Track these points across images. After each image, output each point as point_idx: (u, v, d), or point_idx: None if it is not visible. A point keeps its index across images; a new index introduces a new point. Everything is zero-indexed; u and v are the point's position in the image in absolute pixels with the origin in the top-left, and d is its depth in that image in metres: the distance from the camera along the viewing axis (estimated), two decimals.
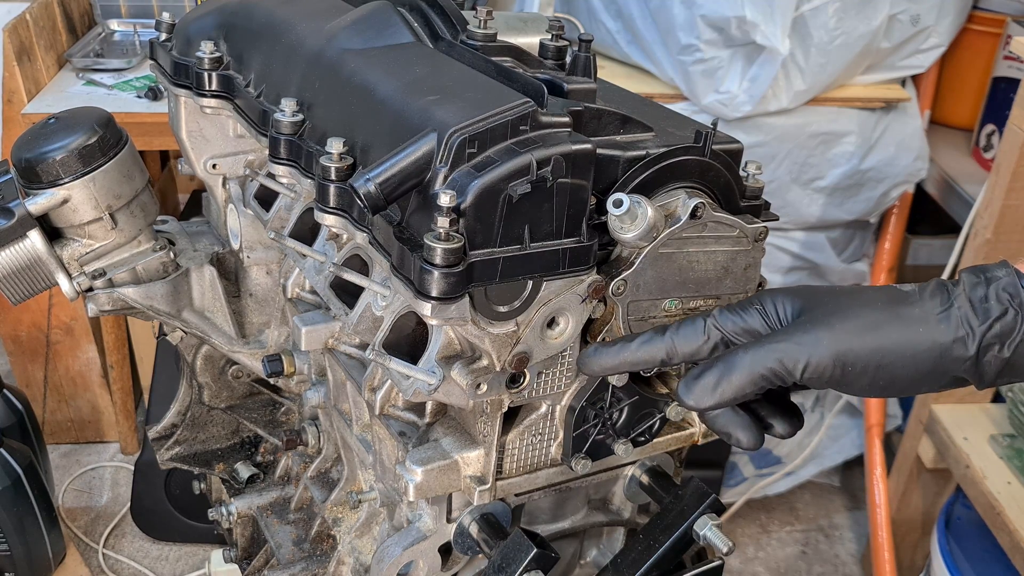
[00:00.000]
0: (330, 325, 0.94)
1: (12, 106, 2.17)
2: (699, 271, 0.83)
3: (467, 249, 0.70)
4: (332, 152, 0.77)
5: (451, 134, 0.71)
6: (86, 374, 2.57)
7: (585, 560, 1.11)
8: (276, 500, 1.25)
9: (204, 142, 1.10)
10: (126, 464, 2.62)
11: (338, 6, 1.00)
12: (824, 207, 2.30)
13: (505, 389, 0.80)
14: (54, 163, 1.00)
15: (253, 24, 1.02)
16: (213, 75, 1.01)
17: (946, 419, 2.07)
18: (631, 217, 0.75)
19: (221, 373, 1.29)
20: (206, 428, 1.33)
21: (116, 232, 1.06)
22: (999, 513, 1.82)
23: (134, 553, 2.40)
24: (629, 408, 0.87)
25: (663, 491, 0.97)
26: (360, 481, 1.06)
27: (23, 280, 1.03)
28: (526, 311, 0.76)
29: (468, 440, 0.86)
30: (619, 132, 0.84)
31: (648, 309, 0.83)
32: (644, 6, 2.20)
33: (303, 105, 0.89)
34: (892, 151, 2.29)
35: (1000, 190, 1.89)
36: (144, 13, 2.61)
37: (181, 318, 1.14)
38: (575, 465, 0.87)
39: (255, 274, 1.17)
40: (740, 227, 0.83)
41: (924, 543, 2.33)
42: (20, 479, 2.01)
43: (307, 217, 0.97)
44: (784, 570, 2.50)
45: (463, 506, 0.91)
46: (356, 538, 1.06)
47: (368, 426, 0.99)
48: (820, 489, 2.74)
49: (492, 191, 0.70)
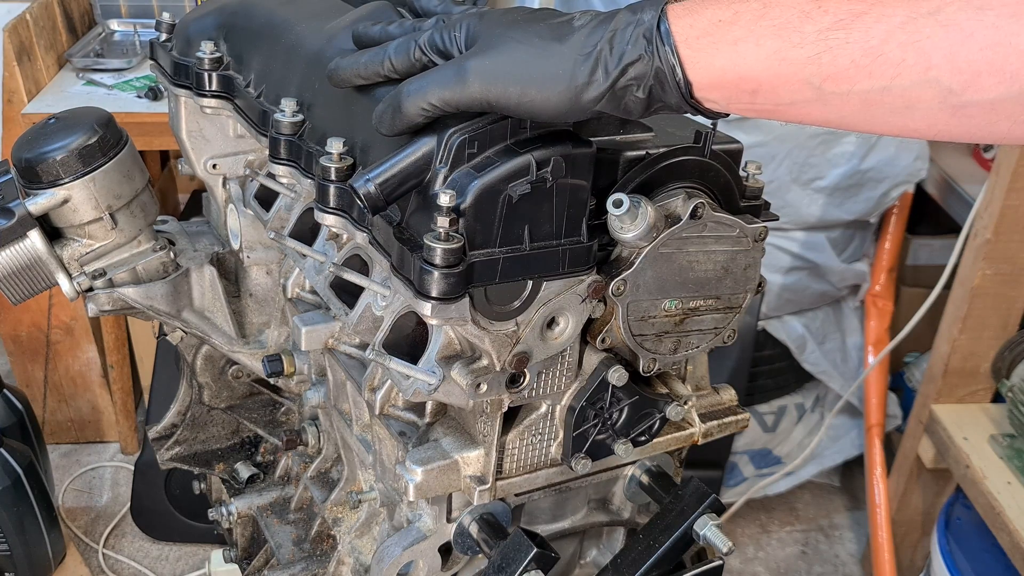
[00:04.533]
0: (330, 325, 0.94)
1: (12, 106, 2.17)
2: (699, 271, 0.83)
3: (467, 249, 0.70)
4: (332, 152, 0.77)
5: (450, 134, 0.71)
6: (86, 374, 2.57)
7: (585, 560, 1.11)
8: (276, 500, 1.25)
9: (204, 142, 1.10)
10: (126, 464, 2.62)
11: (338, 6, 1.00)
12: (824, 207, 2.30)
13: (505, 389, 0.80)
14: (54, 163, 1.00)
15: (253, 24, 1.02)
16: (213, 75, 1.01)
17: (946, 419, 2.07)
18: (631, 217, 0.75)
19: (221, 373, 1.29)
20: (206, 428, 1.33)
21: (116, 232, 1.06)
22: (999, 513, 1.82)
23: (134, 553, 2.40)
24: (629, 408, 0.87)
25: (663, 491, 0.97)
26: (360, 481, 1.06)
27: (23, 280, 1.03)
28: (526, 311, 0.76)
29: (468, 440, 0.86)
30: (619, 132, 0.84)
31: (648, 309, 0.83)
32: None
33: (303, 105, 0.89)
34: (892, 151, 2.29)
35: (1000, 190, 1.89)
36: (144, 13, 2.61)
37: (181, 318, 1.14)
38: (575, 465, 0.87)
39: (255, 274, 1.17)
40: (740, 227, 0.83)
41: (924, 543, 2.33)
42: (20, 479, 2.01)
43: (307, 217, 0.97)
44: (784, 570, 2.50)
45: (463, 506, 0.91)
46: (356, 538, 1.06)
47: (368, 426, 0.99)
48: (820, 489, 2.74)
49: (492, 191, 0.70)
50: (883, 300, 2.49)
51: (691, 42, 0.64)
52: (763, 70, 0.62)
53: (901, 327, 2.27)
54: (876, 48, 0.58)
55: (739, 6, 0.63)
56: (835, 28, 0.59)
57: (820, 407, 2.62)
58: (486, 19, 0.72)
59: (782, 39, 0.61)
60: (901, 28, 0.57)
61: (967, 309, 2.00)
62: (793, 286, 2.38)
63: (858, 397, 2.51)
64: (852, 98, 0.61)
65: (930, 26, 0.57)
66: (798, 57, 0.60)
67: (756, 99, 0.64)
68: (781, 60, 0.61)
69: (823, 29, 0.59)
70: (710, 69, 0.64)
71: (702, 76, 0.64)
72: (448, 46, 0.73)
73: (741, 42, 0.62)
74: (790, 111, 0.64)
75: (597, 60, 0.66)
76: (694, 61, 0.64)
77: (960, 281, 2.04)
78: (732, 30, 0.62)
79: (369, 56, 0.78)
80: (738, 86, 0.64)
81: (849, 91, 0.60)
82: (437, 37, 0.73)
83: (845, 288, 2.51)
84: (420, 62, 0.74)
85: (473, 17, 0.73)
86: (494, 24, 0.71)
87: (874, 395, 2.46)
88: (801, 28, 0.60)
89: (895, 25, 0.58)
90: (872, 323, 2.49)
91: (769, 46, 0.61)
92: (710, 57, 0.64)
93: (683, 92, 0.65)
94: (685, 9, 0.65)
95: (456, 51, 0.72)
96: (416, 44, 0.74)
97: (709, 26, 0.63)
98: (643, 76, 0.65)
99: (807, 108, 0.63)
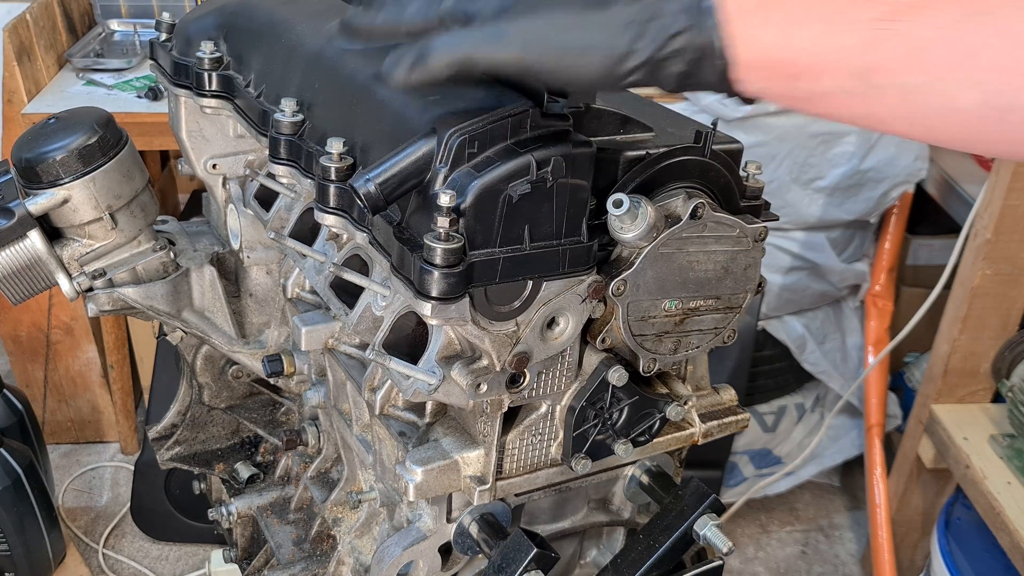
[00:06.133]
0: (330, 325, 0.94)
1: (12, 106, 2.17)
2: (699, 271, 0.83)
3: (467, 249, 0.70)
4: (332, 152, 0.77)
5: (451, 134, 0.71)
6: (86, 374, 2.58)
7: (585, 560, 1.11)
8: (276, 500, 1.25)
9: (204, 142, 1.10)
10: (126, 464, 2.62)
11: (338, 6, 1.00)
12: (824, 207, 2.31)
13: (505, 389, 0.80)
14: (54, 163, 1.00)
15: (253, 24, 1.02)
16: (213, 75, 1.01)
17: (946, 419, 2.07)
18: (631, 217, 0.75)
19: (221, 373, 1.29)
20: (206, 428, 1.33)
21: (116, 232, 1.06)
22: (999, 513, 1.82)
23: (134, 553, 2.40)
24: (629, 408, 0.87)
25: (663, 491, 0.97)
26: (360, 481, 1.06)
27: (23, 280, 1.02)
28: (526, 311, 0.76)
29: (468, 440, 0.86)
30: (619, 132, 0.84)
31: (648, 309, 0.83)
32: None
33: (303, 105, 0.89)
34: (892, 151, 2.29)
35: (1000, 190, 1.89)
36: (144, 13, 2.61)
37: (181, 318, 1.14)
38: (575, 465, 0.87)
39: (255, 274, 1.17)
40: (740, 227, 0.83)
41: (924, 543, 2.33)
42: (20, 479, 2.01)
43: (307, 217, 0.97)
44: (784, 570, 2.50)
45: (463, 506, 0.91)
46: (356, 538, 1.06)
47: (368, 426, 0.99)
48: (820, 489, 2.74)
49: (492, 191, 0.70)
50: (883, 300, 2.49)
51: (738, 19, 0.62)
52: (810, 53, 0.61)
53: (901, 327, 2.27)
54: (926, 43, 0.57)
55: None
56: (887, 19, 0.58)
57: (820, 407, 2.62)
58: None
59: (832, 23, 0.60)
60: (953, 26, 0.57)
61: (967, 309, 2.00)
62: (793, 286, 2.38)
63: (858, 397, 2.51)
64: (892, 92, 0.60)
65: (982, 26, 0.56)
66: (846, 44, 0.59)
67: (796, 84, 0.63)
68: (829, 45, 0.60)
69: (875, 18, 0.58)
70: (755, 48, 0.62)
71: (746, 54, 0.63)
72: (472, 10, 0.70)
73: (790, 23, 0.61)
74: (826, 101, 0.63)
75: (639, 30, 0.64)
76: (740, 38, 0.62)
77: (960, 281, 2.04)
78: (782, 9, 0.61)
79: (386, 13, 0.75)
80: (781, 68, 0.62)
81: (891, 84, 0.59)
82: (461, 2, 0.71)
83: (845, 288, 2.51)
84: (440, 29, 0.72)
85: None
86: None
87: (874, 395, 2.46)
88: (853, 15, 0.59)
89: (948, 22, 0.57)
90: (872, 323, 2.49)
91: (818, 29, 0.60)
92: (757, 35, 0.62)
93: (723, 69, 0.63)
94: None
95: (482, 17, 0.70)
96: (438, 7, 0.72)
97: (758, 4, 0.62)
98: (684, 49, 0.63)
99: (844, 99, 0.62)
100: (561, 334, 0.79)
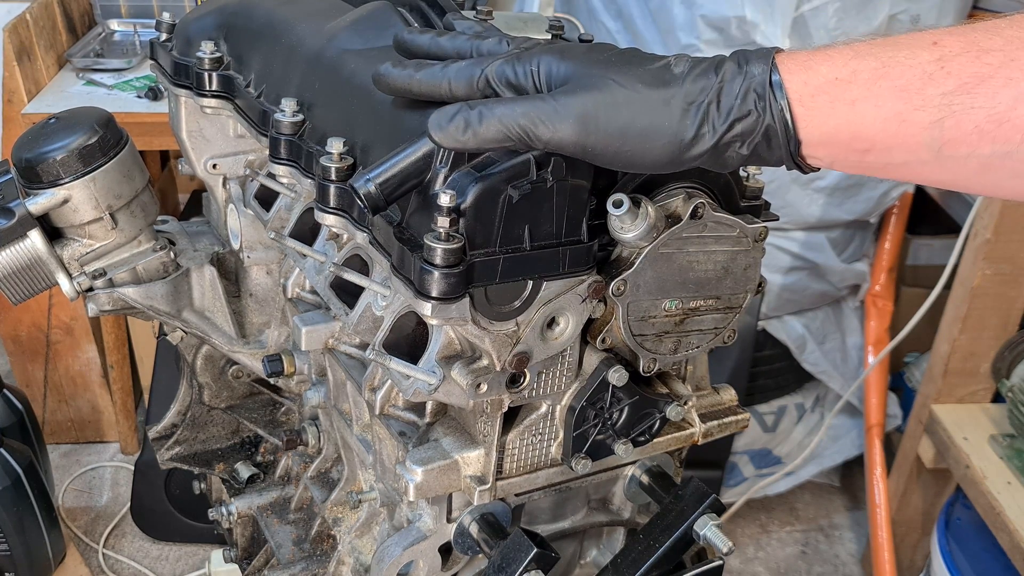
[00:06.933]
0: (330, 325, 0.94)
1: (12, 106, 2.17)
2: (699, 271, 0.83)
3: (467, 249, 0.70)
4: (332, 152, 0.77)
5: None
6: (86, 374, 2.57)
7: (585, 560, 1.11)
8: (276, 500, 1.25)
9: (204, 142, 1.10)
10: (126, 464, 2.62)
11: (338, 6, 1.00)
12: (824, 207, 2.30)
13: (505, 389, 0.80)
14: (54, 163, 1.00)
15: (253, 24, 1.02)
16: (213, 75, 1.01)
17: (946, 419, 2.07)
18: (631, 217, 0.75)
19: (221, 373, 1.29)
20: (206, 428, 1.33)
21: (116, 232, 1.06)
22: (999, 513, 1.82)
23: (134, 553, 2.40)
24: (629, 408, 0.87)
25: (663, 491, 0.97)
26: (360, 481, 1.06)
27: (23, 280, 1.03)
28: (526, 311, 0.76)
29: (468, 440, 0.86)
30: None
31: (648, 309, 0.83)
32: (644, 6, 2.20)
33: (303, 105, 0.89)
34: None
35: None
36: (144, 13, 2.61)
37: (181, 318, 1.14)
38: (575, 465, 0.87)
39: (255, 274, 1.17)
40: (740, 227, 0.83)
41: (924, 543, 2.33)
42: (20, 479, 2.01)
43: (307, 217, 0.97)
44: (784, 570, 2.50)
45: (463, 506, 0.91)
46: (356, 538, 1.06)
47: (368, 426, 0.99)
48: (820, 489, 2.74)
49: (492, 191, 0.70)
50: (883, 300, 2.49)
51: (805, 100, 0.62)
52: (880, 131, 0.60)
53: (901, 327, 2.27)
54: (1002, 114, 0.56)
55: (856, 64, 0.60)
56: (959, 92, 0.57)
57: (820, 407, 2.62)
58: (570, 55, 0.68)
59: (903, 101, 0.59)
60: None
61: (967, 309, 2.00)
62: (793, 286, 2.38)
63: (858, 397, 2.51)
64: (971, 162, 0.59)
65: None
66: (919, 120, 0.59)
67: (866, 158, 0.62)
68: (901, 122, 0.59)
69: (947, 92, 0.58)
70: (823, 128, 0.62)
71: (814, 134, 0.62)
72: (523, 80, 0.68)
73: (859, 102, 0.60)
74: (901, 170, 0.63)
75: (705, 115, 0.63)
76: (807, 120, 0.62)
77: (960, 281, 2.04)
78: (850, 89, 0.60)
79: (426, 73, 0.72)
80: (850, 145, 0.62)
81: (969, 155, 0.59)
82: (510, 70, 0.68)
83: (845, 288, 2.51)
84: (483, 93, 0.70)
85: (553, 52, 0.68)
86: (588, 62, 0.67)
87: (874, 395, 2.46)
88: (923, 91, 0.58)
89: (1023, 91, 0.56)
90: (872, 323, 2.49)
91: (889, 108, 0.59)
92: (825, 116, 0.61)
93: (792, 150, 0.63)
94: (798, 64, 0.62)
95: (532, 87, 0.68)
96: (484, 73, 0.70)
97: (825, 84, 0.61)
98: (750, 132, 0.63)
99: (920, 168, 0.61)
100: (561, 334, 0.79)
